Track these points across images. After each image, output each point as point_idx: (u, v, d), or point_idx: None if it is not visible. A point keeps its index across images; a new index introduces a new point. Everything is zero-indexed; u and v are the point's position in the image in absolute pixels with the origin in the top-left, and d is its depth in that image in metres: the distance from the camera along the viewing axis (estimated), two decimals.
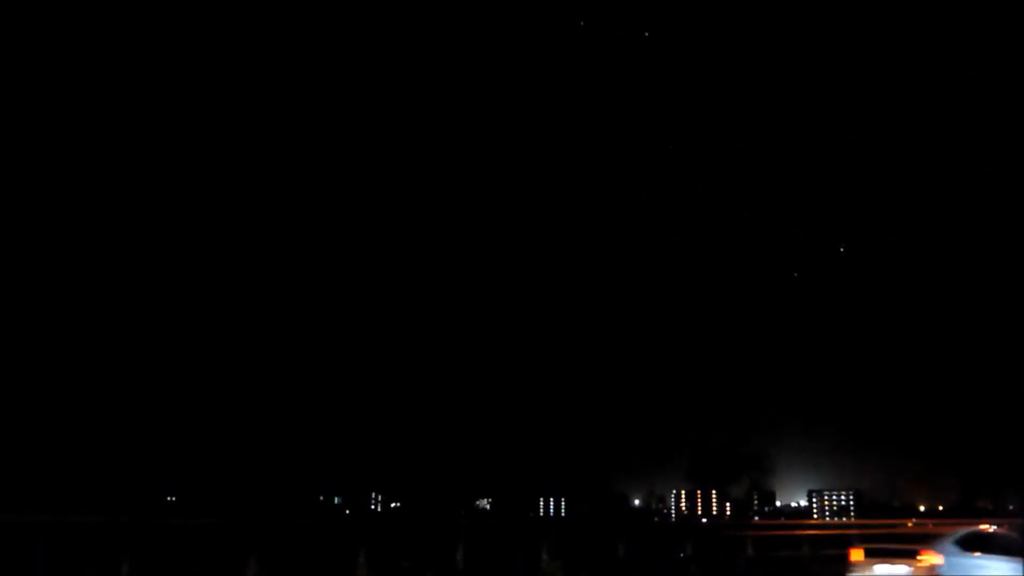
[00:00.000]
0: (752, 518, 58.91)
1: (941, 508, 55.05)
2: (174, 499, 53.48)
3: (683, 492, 66.58)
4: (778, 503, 64.76)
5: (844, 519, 58.58)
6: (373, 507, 63.46)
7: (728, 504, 65.48)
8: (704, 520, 61.71)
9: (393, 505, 63.95)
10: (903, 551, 13.68)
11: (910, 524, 31.63)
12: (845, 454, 67.68)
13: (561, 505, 66.20)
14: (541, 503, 66.25)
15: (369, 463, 64.55)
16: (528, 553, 18.66)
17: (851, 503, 62.55)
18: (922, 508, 55.82)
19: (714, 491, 65.94)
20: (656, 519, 63.00)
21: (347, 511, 61.46)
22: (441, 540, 18.78)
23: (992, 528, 15.38)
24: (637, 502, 66.52)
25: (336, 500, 62.35)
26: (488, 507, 65.16)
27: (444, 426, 65.57)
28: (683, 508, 66.17)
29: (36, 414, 50.01)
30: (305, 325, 63.43)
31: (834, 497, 63.41)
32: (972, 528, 15.17)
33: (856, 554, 14.34)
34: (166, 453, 55.87)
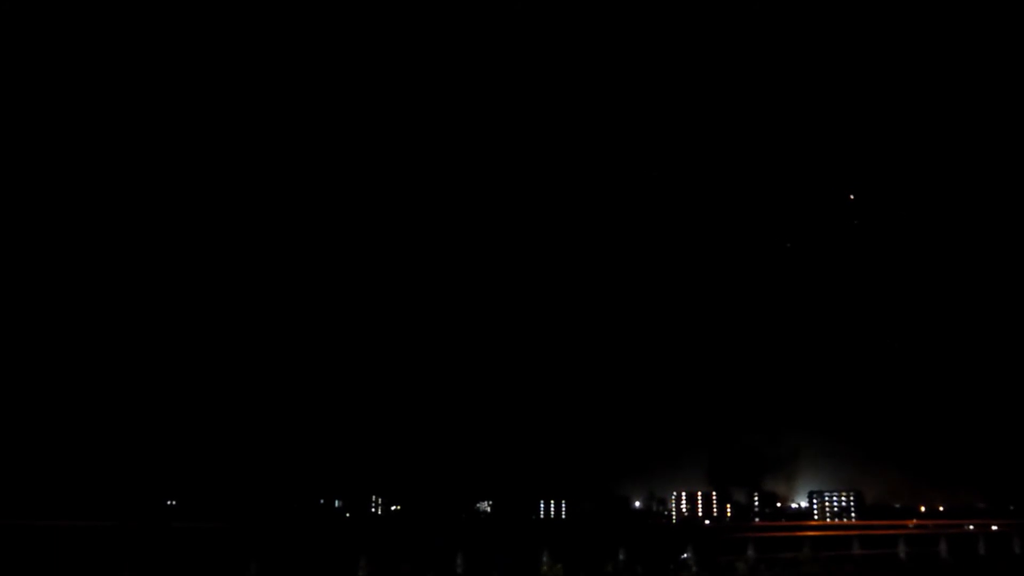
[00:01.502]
0: (753, 520, 58.88)
1: (942, 509, 55.02)
2: (175, 503, 53.47)
3: (683, 494, 66.56)
4: (778, 504, 64.69)
5: (845, 520, 58.55)
6: (374, 510, 63.44)
7: (729, 506, 65.40)
8: (707, 522, 61.71)
9: (394, 508, 63.94)
10: None
11: (911, 524, 31.69)
12: (847, 455, 67.65)
13: (562, 507, 66.16)
14: (542, 505, 66.23)
15: (370, 466, 64.60)
16: (529, 555, 18.66)
17: (852, 504, 62.44)
18: (922, 509, 55.80)
19: (714, 493, 65.92)
20: (650, 521, 62.94)
21: (348, 514, 61.44)
22: (441, 543, 18.79)
23: None
24: (638, 504, 66.51)
25: (337, 503, 62.36)
26: (489, 510, 65.17)
27: (445, 429, 65.62)
28: (683, 510, 66.11)
29: (39, 419, 50.03)
30: (306, 330, 63.48)
31: (835, 498, 63.30)
32: None
33: None
34: (167, 457, 55.90)
